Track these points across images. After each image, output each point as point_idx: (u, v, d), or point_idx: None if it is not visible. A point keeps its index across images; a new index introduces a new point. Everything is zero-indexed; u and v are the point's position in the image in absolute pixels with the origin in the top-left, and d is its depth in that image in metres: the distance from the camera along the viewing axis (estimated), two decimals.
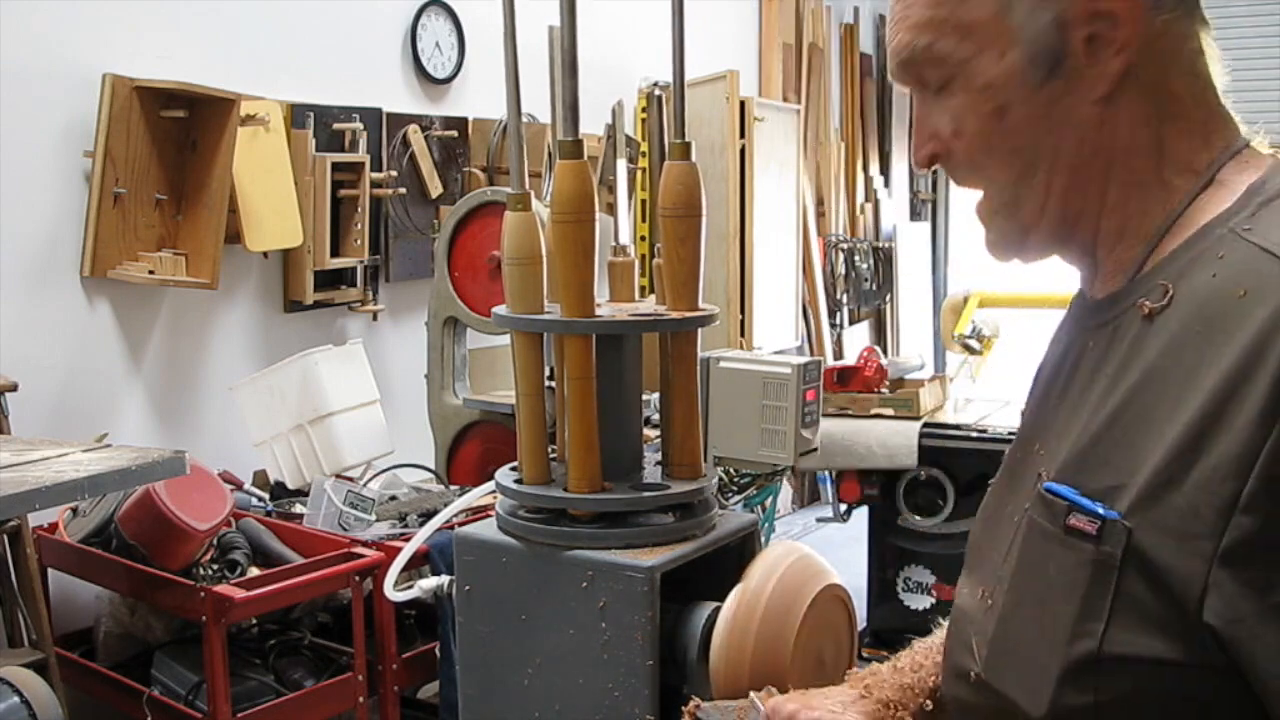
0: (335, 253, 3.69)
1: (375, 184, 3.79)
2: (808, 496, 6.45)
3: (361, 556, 2.78)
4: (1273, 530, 0.76)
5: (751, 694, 1.23)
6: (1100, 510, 0.83)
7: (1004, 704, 0.90)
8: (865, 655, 3.41)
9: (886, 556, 4.06)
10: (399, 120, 3.94)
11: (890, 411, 3.79)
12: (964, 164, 0.96)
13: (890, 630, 3.93)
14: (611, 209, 2.54)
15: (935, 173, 1.01)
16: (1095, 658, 0.83)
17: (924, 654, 1.16)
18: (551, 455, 1.57)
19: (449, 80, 4.17)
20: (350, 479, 3.30)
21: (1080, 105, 0.90)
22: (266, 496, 3.30)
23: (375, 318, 3.96)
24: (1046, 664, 0.86)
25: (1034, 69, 0.90)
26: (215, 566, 2.79)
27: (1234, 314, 0.80)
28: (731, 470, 3.72)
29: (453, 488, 3.31)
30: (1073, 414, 0.93)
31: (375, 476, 3.36)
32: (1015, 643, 0.91)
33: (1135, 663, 0.82)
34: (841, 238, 6.27)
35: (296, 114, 3.59)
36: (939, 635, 1.14)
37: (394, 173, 3.87)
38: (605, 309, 1.56)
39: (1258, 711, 0.79)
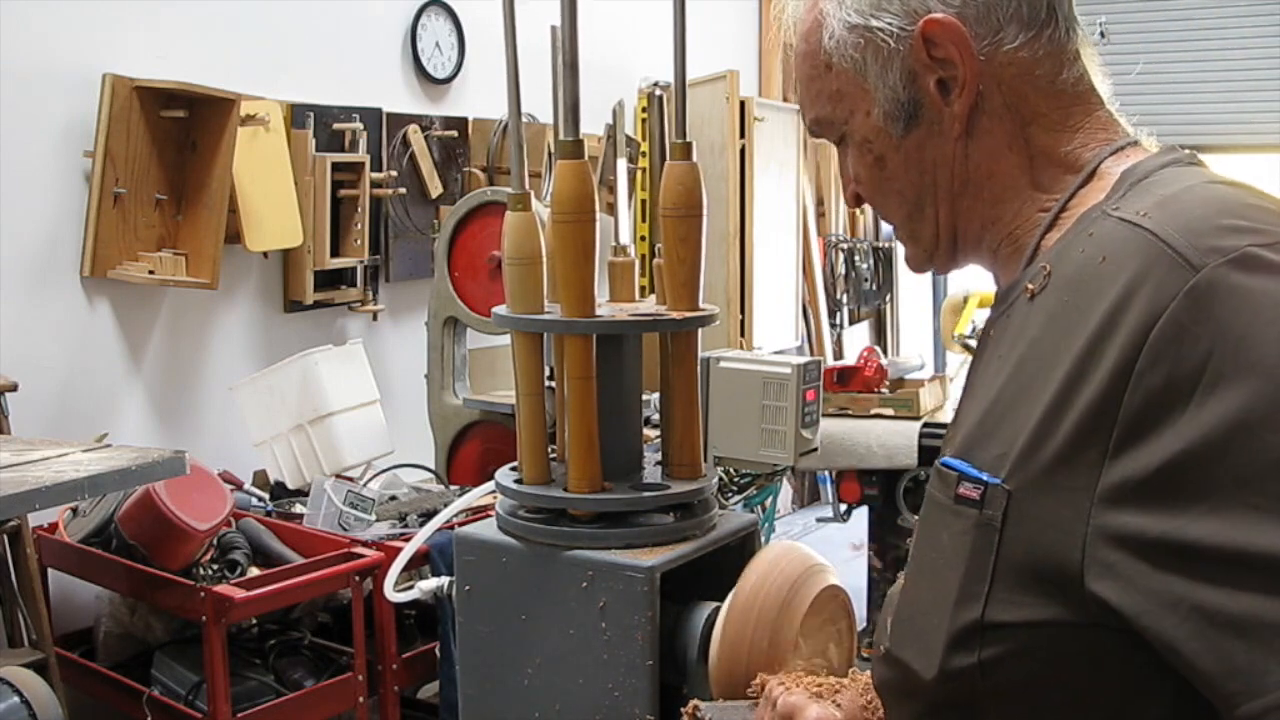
0: (335, 253, 3.69)
1: (375, 184, 3.79)
2: (808, 496, 6.46)
3: (361, 556, 2.79)
4: (1142, 474, 0.79)
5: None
6: (984, 476, 0.87)
7: (906, 674, 0.94)
8: (865, 655, 3.41)
9: (886, 556, 4.06)
10: (399, 120, 3.94)
11: (890, 411, 3.79)
12: (871, 205, 1.08)
13: None
14: (612, 209, 2.55)
15: None
16: (980, 623, 0.86)
17: None
18: (551, 455, 1.57)
19: (449, 80, 4.17)
20: (350, 479, 3.30)
21: (944, 145, 0.99)
22: (266, 496, 3.30)
23: (375, 318, 3.96)
24: (937, 629, 0.89)
25: (893, 122, 0.99)
26: (215, 566, 2.79)
27: (1096, 279, 0.85)
28: (731, 470, 3.72)
29: (453, 488, 3.31)
30: (971, 397, 0.98)
31: (375, 476, 3.36)
32: (913, 612, 0.95)
33: (1016, 627, 0.85)
34: (841, 238, 6.27)
35: (296, 114, 3.59)
36: None
37: (394, 173, 3.87)
38: (605, 309, 1.56)
39: (1145, 662, 0.81)
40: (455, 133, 4.13)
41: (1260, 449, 0.75)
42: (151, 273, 3.16)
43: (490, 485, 1.62)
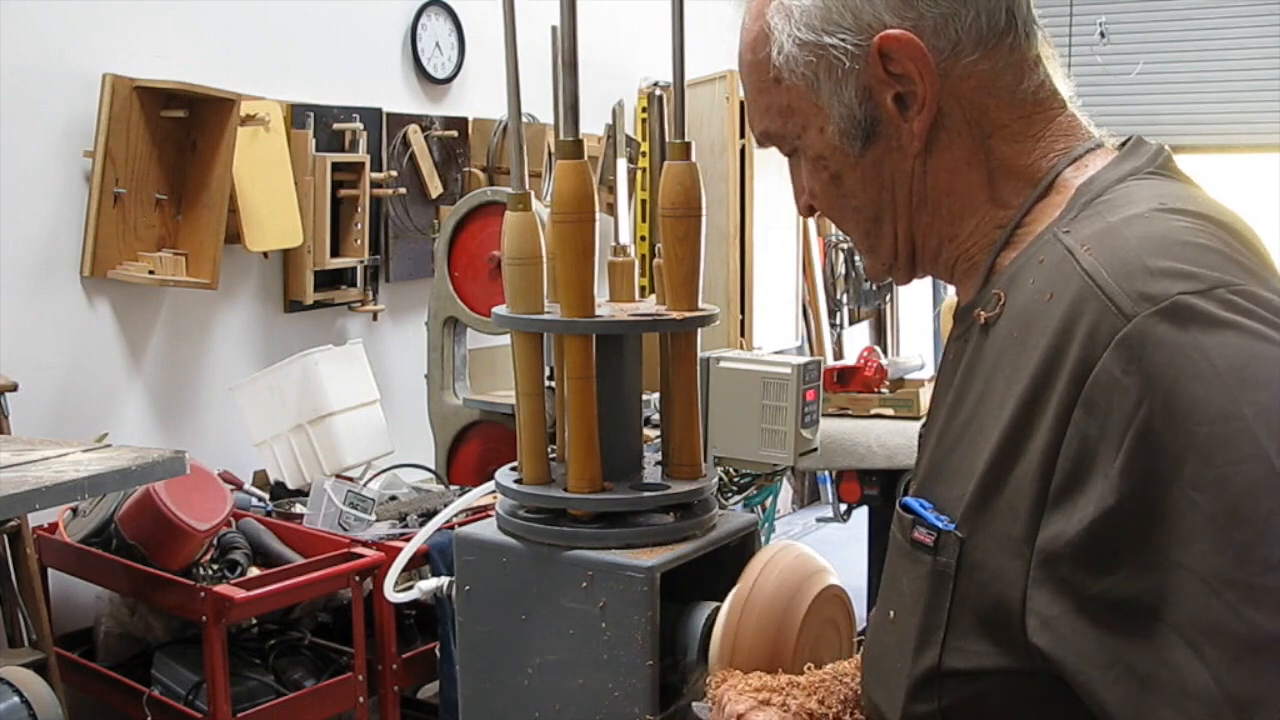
0: (335, 253, 3.69)
1: (375, 184, 3.79)
2: (808, 496, 6.45)
3: (361, 556, 2.78)
4: (1075, 528, 0.77)
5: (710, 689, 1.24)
6: (940, 523, 0.86)
7: (876, 712, 0.94)
8: None
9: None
10: (399, 120, 3.94)
11: (890, 411, 3.79)
12: (828, 218, 1.05)
13: None
14: (611, 209, 2.55)
15: None
16: (937, 671, 0.86)
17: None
18: (551, 455, 1.57)
19: (449, 80, 4.17)
20: (350, 479, 3.29)
21: (903, 162, 0.95)
22: (266, 496, 3.30)
23: (375, 318, 3.96)
24: (899, 674, 0.89)
25: (850, 140, 0.96)
26: (215, 566, 2.79)
27: (1042, 317, 0.82)
28: (731, 470, 3.72)
29: (453, 488, 3.31)
30: (931, 428, 0.97)
31: (375, 476, 3.36)
32: (880, 654, 0.94)
33: (971, 675, 0.84)
34: (841, 238, 6.26)
35: (296, 114, 3.59)
36: None
37: (394, 173, 3.87)
38: (605, 309, 1.56)
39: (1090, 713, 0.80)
40: (455, 133, 4.13)
41: (1186, 508, 0.73)
42: (151, 273, 3.16)
43: (490, 485, 1.61)
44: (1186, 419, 0.74)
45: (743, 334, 5.07)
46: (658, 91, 4.29)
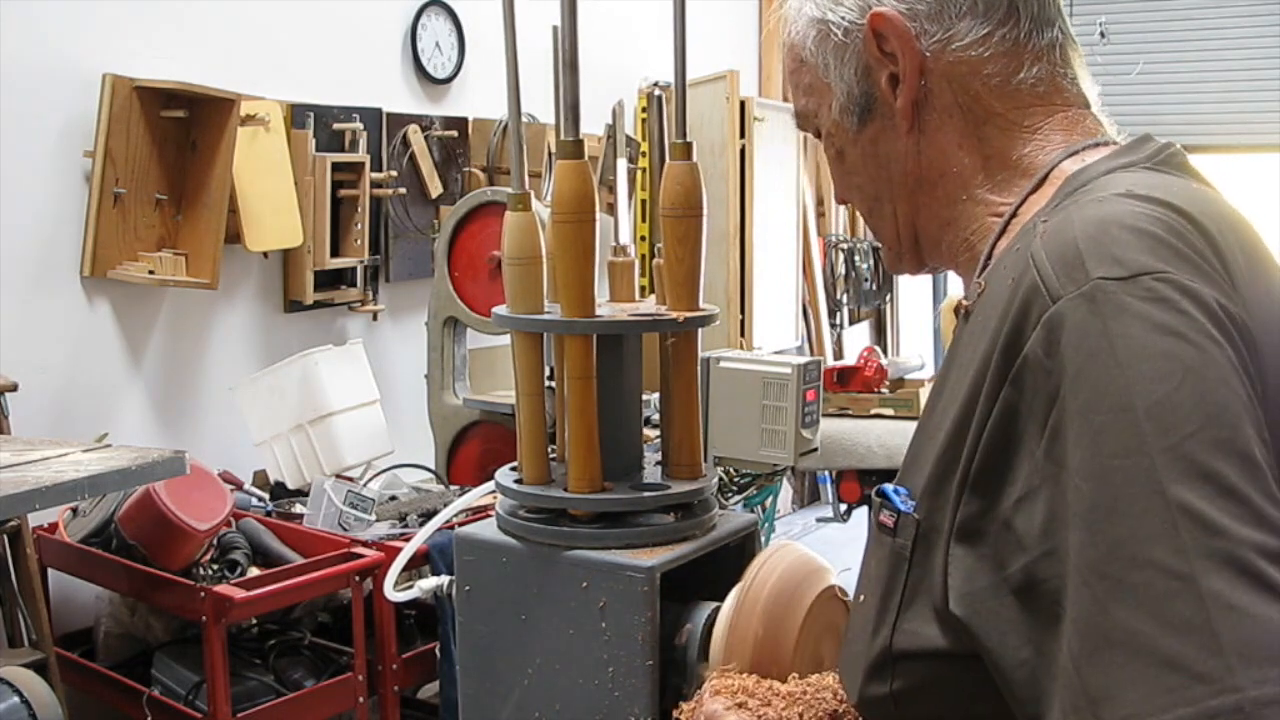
0: (335, 253, 3.68)
1: (375, 184, 3.79)
2: (808, 496, 6.45)
3: (361, 556, 2.79)
4: (999, 505, 0.78)
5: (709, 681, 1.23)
6: (901, 505, 0.87)
7: (847, 694, 0.95)
8: None
9: None
10: (399, 120, 3.94)
11: (890, 411, 3.79)
12: (845, 200, 1.08)
13: None
14: (612, 209, 2.54)
15: None
16: (889, 652, 0.87)
17: None
18: (551, 455, 1.57)
19: (449, 80, 4.17)
20: (350, 479, 3.30)
21: (897, 140, 0.98)
22: (266, 496, 3.30)
23: (375, 318, 3.96)
24: (859, 657, 0.90)
25: (848, 116, 1.00)
26: (215, 566, 2.79)
27: (1001, 301, 0.83)
28: (731, 470, 3.72)
29: (453, 488, 3.31)
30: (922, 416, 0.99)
31: (375, 476, 3.36)
32: (850, 638, 0.96)
33: (918, 656, 0.85)
34: (841, 238, 6.26)
35: (296, 114, 3.59)
36: None
37: (394, 173, 3.87)
38: (605, 309, 1.56)
39: None
40: (455, 133, 4.13)
41: (1074, 497, 0.73)
42: (151, 273, 3.16)
43: (490, 485, 1.61)
44: (1086, 406, 0.74)
45: (743, 334, 5.07)
46: (658, 91, 4.29)
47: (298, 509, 3.16)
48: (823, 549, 1.44)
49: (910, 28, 0.94)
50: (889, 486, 0.90)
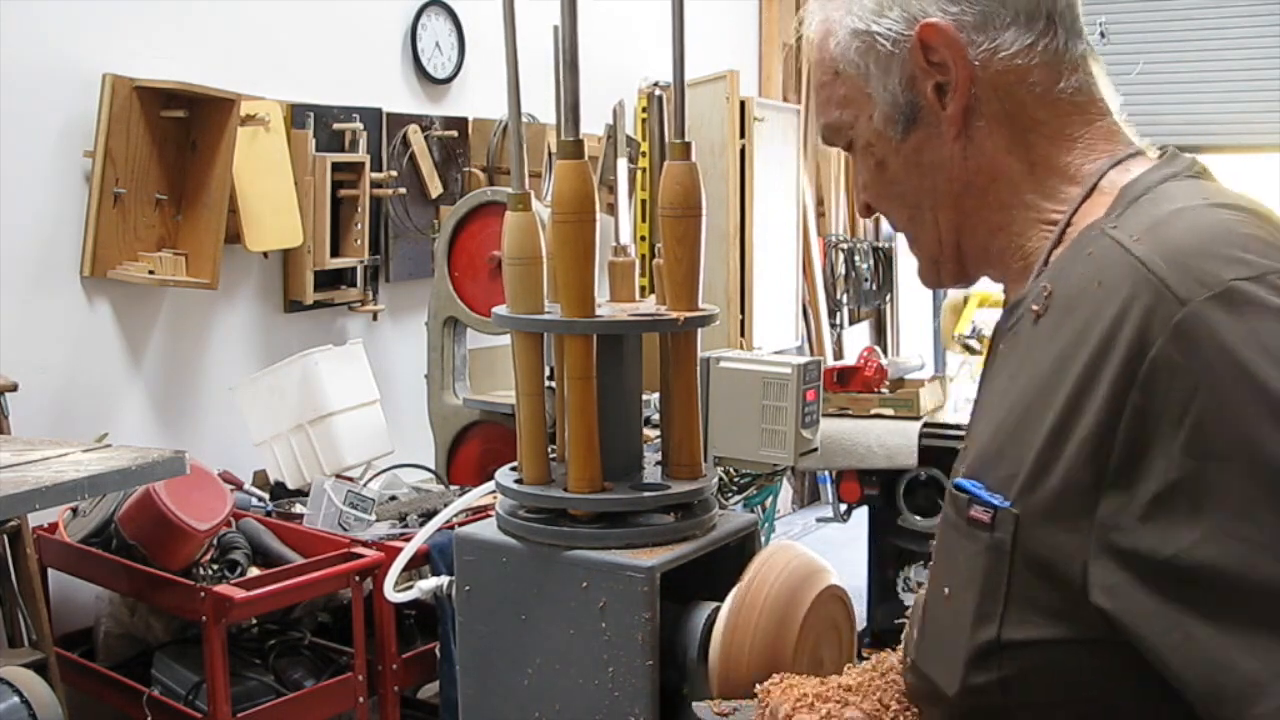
0: (335, 253, 3.69)
1: (375, 184, 3.79)
2: (808, 496, 6.46)
3: (361, 556, 2.78)
4: (1136, 502, 0.82)
5: (758, 686, 1.23)
6: (995, 501, 0.90)
7: (930, 686, 0.98)
8: (865, 655, 3.41)
9: (886, 556, 4.06)
10: (399, 120, 3.94)
11: (890, 411, 3.79)
12: (878, 210, 1.10)
13: (890, 630, 3.93)
14: (611, 209, 2.54)
15: None
16: (996, 643, 0.89)
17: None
18: (551, 455, 1.57)
19: (449, 80, 4.17)
20: (350, 479, 3.29)
21: (942, 147, 1.01)
22: (266, 496, 3.30)
23: (375, 318, 3.96)
24: (957, 648, 0.92)
25: (892, 125, 1.02)
26: (215, 566, 2.79)
27: (1092, 305, 0.87)
28: (731, 470, 3.72)
29: (453, 488, 3.31)
30: (982, 413, 1.01)
31: (375, 476, 3.36)
32: (935, 629, 0.98)
33: (1031, 645, 0.88)
34: (841, 238, 6.27)
35: (296, 114, 3.59)
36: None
37: (394, 173, 3.87)
38: (605, 309, 1.56)
39: (1155, 679, 0.83)
40: (455, 133, 4.13)
41: (1244, 483, 0.78)
42: (151, 273, 3.16)
43: (490, 485, 1.61)
44: (1243, 400, 0.78)
45: (743, 334, 5.07)
46: (658, 91, 4.29)
47: (298, 509, 3.16)
48: (823, 549, 1.44)
49: (960, 38, 0.97)
50: (967, 482, 0.93)
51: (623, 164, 1.96)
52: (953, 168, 1.01)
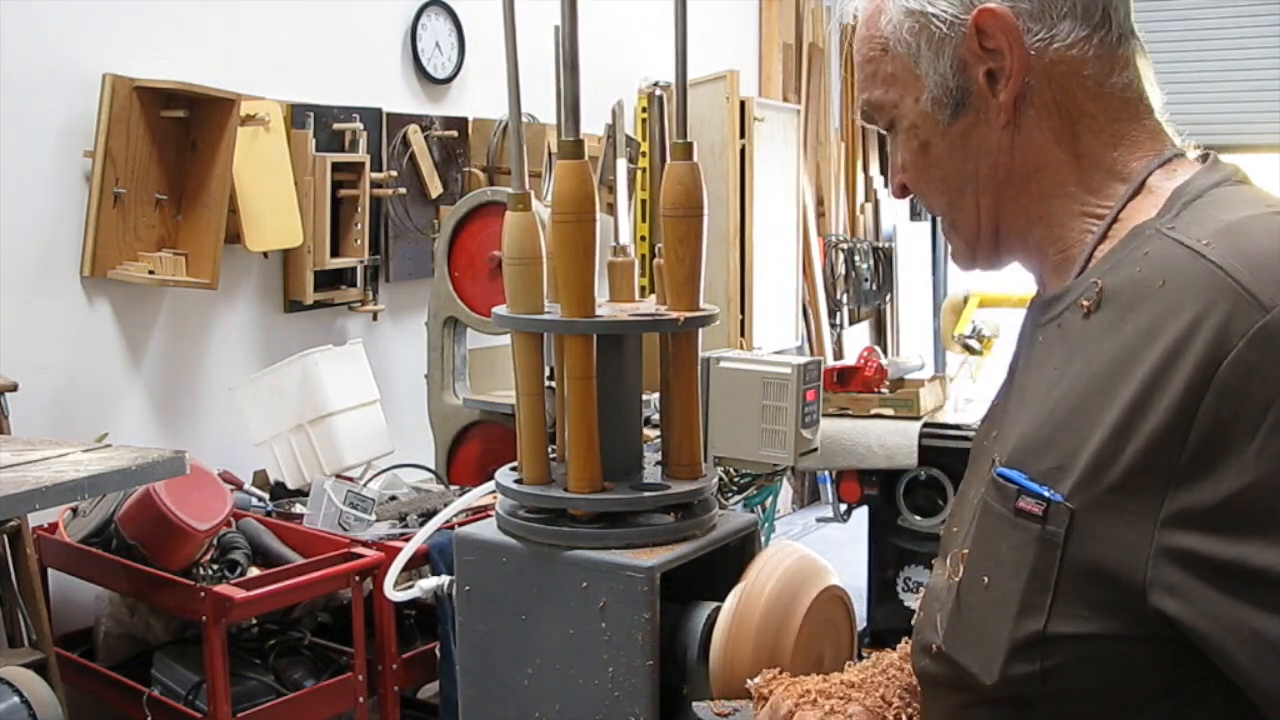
0: (335, 253, 3.69)
1: (375, 184, 3.79)
2: (808, 496, 6.46)
3: (361, 556, 2.78)
4: (1206, 504, 0.82)
5: (749, 683, 1.23)
6: (1046, 493, 0.89)
7: (961, 674, 0.97)
8: (865, 655, 3.41)
9: (886, 556, 4.06)
10: (399, 120, 3.94)
11: (890, 411, 3.79)
12: (915, 192, 1.09)
13: (890, 630, 3.93)
14: (612, 209, 2.55)
15: None
16: (1041, 634, 0.89)
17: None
18: (551, 455, 1.57)
19: (449, 80, 4.17)
20: (350, 479, 3.29)
21: (990, 134, 1.00)
22: (266, 496, 3.30)
23: (375, 318, 3.96)
24: (998, 637, 0.92)
25: (941, 108, 1.02)
26: (215, 566, 2.79)
27: (1156, 303, 0.87)
28: (731, 470, 3.73)
29: (453, 488, 3.31)
30: (1022, 404, 1.00)
31: (375, 476, 3.36)
32: (971, 617, 0.97)
33: (1078, 638, 0.88)
34: (841, 238, 6.27)
35: (296, 114, 3.59)
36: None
37: (394, 173, 3.88)
38: (605, 309, 1.56)
39: (1196, 671, 0.85)
40: (455, 133, 4.13)
41: None
42: (151, 273, 3.16)
43: (490, 485, 1.61)
44: None
45: (743, 334, 5.07)
46: (658, 91, 4.30)
47: (298, 509, 3.16)
48: (823, 549, 1.44)
49: (1016, 25, 0.97)
50: (1014, 473, 0.92)
51: (622, 164, 1.97)
52: (999, 155, 1.01)
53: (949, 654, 0.98)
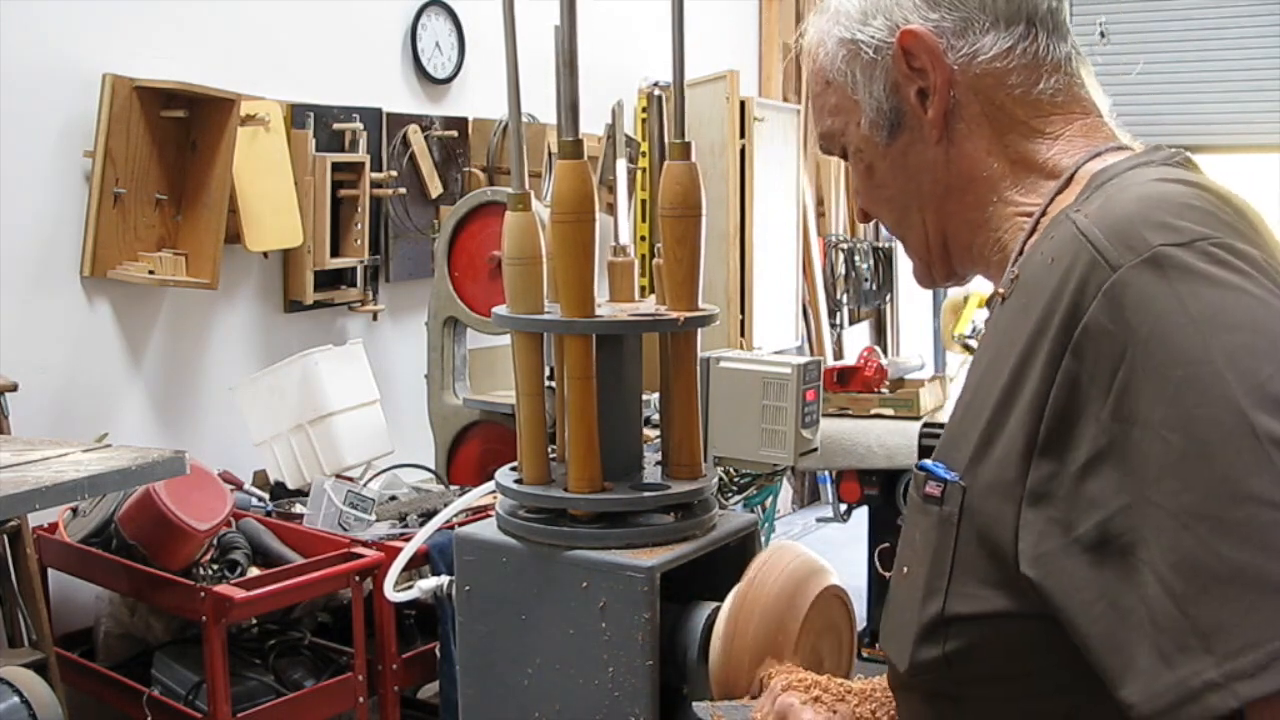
0: (335, 253, 3.68)
1: (375, 184, 3.79)
2: (808, 496, 6.46)
3: (361, 556, 2.78)
4: (1066, 469, 0.82)
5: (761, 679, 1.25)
6: (946, 475, 0.91)
7: (892, 667, 0.99)
8: (865, 655, 3.41)
9: (886, 556, 4.06)
10: (399, 120, 3.94)
11: (890, 411, 3.79)
12: (872, 214, 1.13)
13: None
14: (611, 209, 2.55)
15: None
16: (941, 615, 0.90)
17: None
18: (551, 455, 1.57)
19: (449, 80, 4.17)
20: (350, 479, 3.29)
21: (926, 150, 1.03)
22: (266, 496, 3.30)
23: (375, 318, 3.96)
24: (909, 624, 0.94)
25: (878, 130, 1.05)
26: (215, 566, 2.79)
27: (1042, 280, 0.88)
28: (731, 470, 3.72)
29: (453, 488, 3.31)
30: (957, 401, 1.02)
31: (375, 476, 3.36)
32: (893, 608, 1.00)
33: (974, 619, 0.89)
34: (841, 238, 6.26)
35: (296, 114, 3.59)
36: None
37: (394, 173, 3.87)
38: (605, 309, 1.56)
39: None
40: (455, 133, 4.13)
41: (1160, 448, 0.78)
42: (151, 273, 3.16)
43: (490, 485, 1.62)
44: (1162, 364, 0.79)
45: (743, 334, 5.07)
46: (658, 91, 4.29)
47: (298, 509, 3.16)
48: (823, 549, 1.44)
49: (939, 43, 1.00)
50: (928, 462, 0.94)
51: (622, 164, 1.97)
52: (937, 170, 1.03)
53: (882, 648, 1.01)
